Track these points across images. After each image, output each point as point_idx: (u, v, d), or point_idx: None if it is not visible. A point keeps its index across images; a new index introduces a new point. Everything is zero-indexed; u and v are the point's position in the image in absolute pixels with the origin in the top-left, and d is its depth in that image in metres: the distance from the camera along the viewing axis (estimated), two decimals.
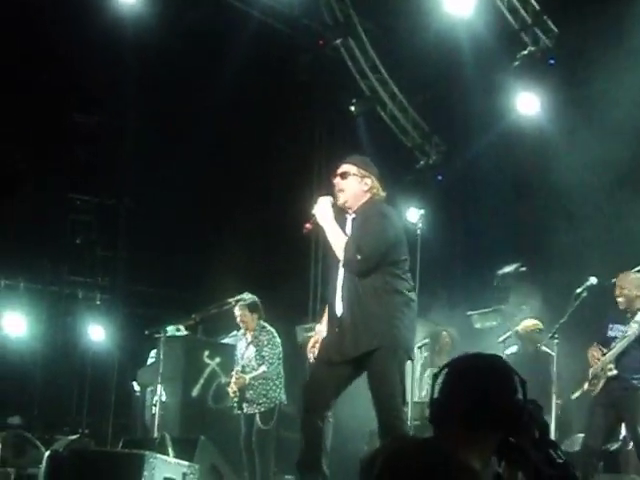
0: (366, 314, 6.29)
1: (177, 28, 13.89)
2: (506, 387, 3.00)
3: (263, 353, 9.90)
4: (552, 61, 12.64)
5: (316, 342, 6.66)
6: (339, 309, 6.45)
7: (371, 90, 15.25)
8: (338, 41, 15.22)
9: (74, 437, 10.91)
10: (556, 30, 12.62)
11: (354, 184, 6.52)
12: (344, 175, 6.55)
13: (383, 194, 6.63)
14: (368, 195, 6.53)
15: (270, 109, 15.11)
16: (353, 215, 6.56)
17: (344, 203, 6.55)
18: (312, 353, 6.65)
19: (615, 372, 8.31)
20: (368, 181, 6.53)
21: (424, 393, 10.60)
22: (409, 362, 6.80)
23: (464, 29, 12.90)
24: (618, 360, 8.31)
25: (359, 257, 6.27)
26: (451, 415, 3.01)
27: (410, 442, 3.20)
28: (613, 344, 8.43)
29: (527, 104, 12.66)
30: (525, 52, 12.74)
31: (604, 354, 8.46)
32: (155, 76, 14.57)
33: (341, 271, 6.50)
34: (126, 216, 15.73)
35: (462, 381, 3.04)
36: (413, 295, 6.52)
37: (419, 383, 10.72)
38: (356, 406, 7.80)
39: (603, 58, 11.27)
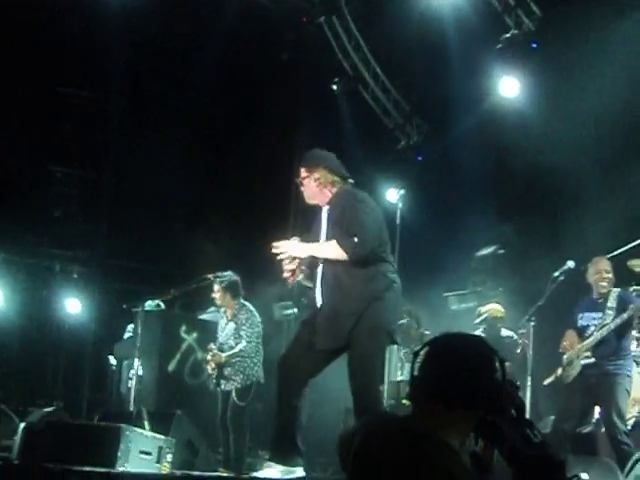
0: (349, 300, 6.33)
1: (162, 4, 13.82)
2: (485, 366, 3.03)
3: (241, 331, 9.92)
4: (534, 44, 12.66)
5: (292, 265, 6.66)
6: (319, 299, 6.50)
7: (353, 69, 15.24)
8: (322, 19, 15.19)
9: (49, 409, 10.90)
10: (539, 13, 12.63)
11: (308, 185, 6.68)
12: (300, 181, 6.73)
13: (340, 177, 6.70)
14: (328, 187, 6.64)
15: (253, 87, 15.10)
16: (326, 207, 6.66)
17: (311, 203, 6.78)
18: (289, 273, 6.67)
19: (592, 360, 8.38)
20: (316, 176, 6.65)
21: (399, 373, 10.64)
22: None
23: (448, 10, 12.91)
24: (595, 347, 8.38)
25: (356, 241, 6.31)
26: (429, 393, 3.04)
27: (389, 419, 3.23)
28: (588, 332, 8.49)
29: (509, 87, 12.68)
30: (508, 35, 12.75)
31: (580, 341, 8.53)
32: (139, 51, 14.55)
33: (320, 261, 6.55)
34: (108, 190, 15.69)
35: (441, 360, 3.07)
36: (396, 277, 6.55)
37: (396, 363, 10.74)
38: (333, 383, 7.83)
39: (585, 42, 11.30)
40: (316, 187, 6.65)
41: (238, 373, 9.79)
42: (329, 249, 6.41)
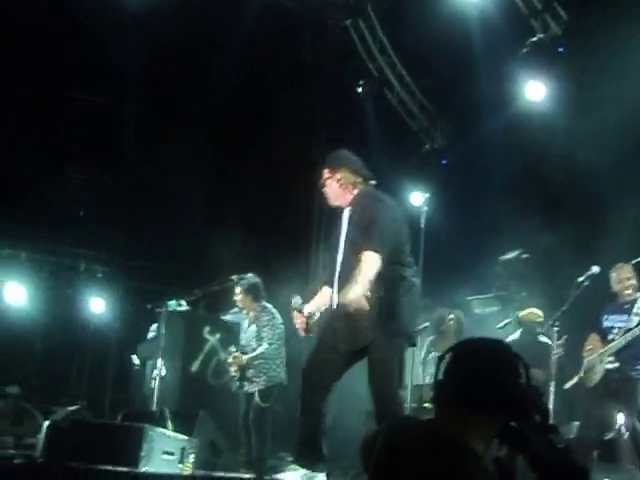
0: (374, 309, 6.29)
1: (181, 7, 13.85)
2: (509, 372, 3.03)
3: (262, 334, 9.96)
4: (561, 49, 12.62)
5: (303, 321, 6.70)
6: (336, 300, 6.52)
7: (379, 72, 15.23)
8: (348, 22, 15.18)
9: (73, 408, 10.95)
10: (565, 17, 12.59)
11: (331, 186, 6.73)
12: (323, 182, 6.78)
13: (362, 179, 6.73)
14: (349, 187, 6.68)
15: (272, 89, 15.10)
16: (348, 208, 6.68)
17: (332, 203, 6.80)
18: (302, 329, 6.71)
19: (617, 364, 8.34)
20: (339, 176, 6.69)
21: (428, 377, 10.60)
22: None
23: (474, 13, 12.88)
24: (619, 352, 8.33)
25: (377, 250, 6.31)
26: (454, 398, 3.04)
27: (412, 423, 3.23)
28: (611, 336, 8.45)
29: (534, 91, 12.64)
30: (534, 39, 12.71)
31: (602, 345, 8.49)
32: (155, 56, 14.56)
33: (339, 261, 6.55)
34: (124, 193, 15.75)
35: (466, 364, 3.07)
36: (416, 280, 6.55)
37: (422, 366, 10.71)
38: (354, 385, 7.83)
39: (612, 47, 11.25)
40: (338, 188, 6.68)
41: (260, 375, 9.82)
42: (364, 276, 6.30)
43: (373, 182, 6.79)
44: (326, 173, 6.76)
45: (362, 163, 6.83)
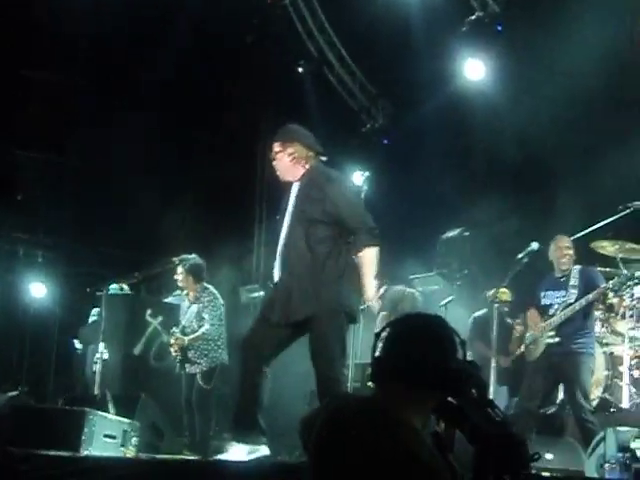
0: (315, 278, 6.31)
1: None
2: (445, 347, 3.04)
3: (204, 314, 9.92)
4: (499, 27, 12.68)
5: None
6: (278, 271, 6.49)
7: (319, 51, 15.20)
8: (286, 0, 15.12)
9: (14, 393, 10.85)
10: None
11: (282, 160, 6.65)
12: (274, 156, 6.70)
13: (314, 153, 6.68)
14: (301, 162, 6.62)
15: (218, 69, 15.02)
16: (297, 184, 6.64)
17: (284, 178, 6.72)
18: None
19: (558, 339, 8.43)
20: (290, 150, 6.62)
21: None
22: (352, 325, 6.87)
23: None
24: (560, 327, 8.43)
25: (363, 228, 6.38)
26: (391, 374, 3.04)
27: (351, 400, 3.23)
28: (552, 311, 8.54)
29: (474, 69, 12.69)
30: (473, 17, 12.75)
31: (543, 320, 8.57)
32: (104, 33, 14.42)
33: (283, 235, 6.53)
34: (72, 174, 15.59)
35: (402, 340, 3.07)
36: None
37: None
38: (297, 366, 7.84)
39: (550, 23, 11.33)
40: (289, 162, 6.62)
41: (202, 356, 9.79)
42: (369, 266, 6.41)
43: (324, 157, 6.75)
44: (277, 147, 6.67)
45: (314, 138, 6.77)
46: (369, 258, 6.38)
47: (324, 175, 6.56)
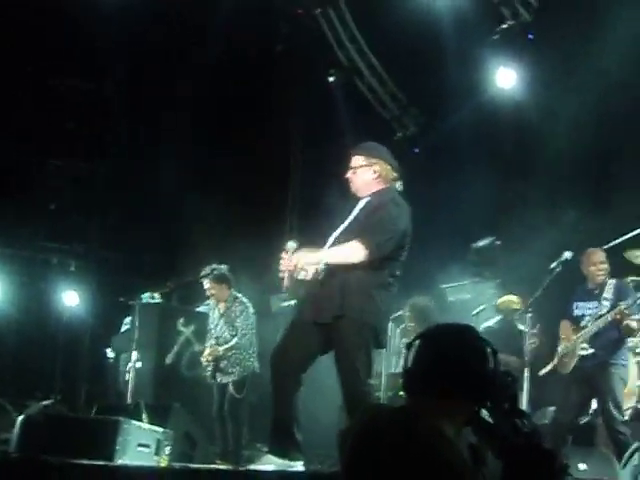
0: (345, 284, 6.30)
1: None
2: (476, 357, 3.04)
3: (236, 324, 9.95)
4: (531, 35, 12.64)
5: (289, 267, 6.53)
6: (321, 270, 6.42)
7: (349, 61, 15.20)
8: (317, 11, 15.15)
9: (47, 402, 10.92)
10: (535, 3, 12.60)
11: (363, 174, 6.59)
12: (354, 168, 6.63)
13: (395, 175, 6.67)
14: (379, 181, 6.59)
15: (248, 80, 15.05)
16: (366, 199, 6.61)
17: (355, 192, 6.67)
18: (285, 277, 6.56)
19: (591, 351, 8.39)
20: (376, 168, 6.58)
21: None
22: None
23: (444, 1, 12.88)
24: (592, 338, 8.39)
25: (375, 244, 6.29)
26: (423, 384, 3.05)
27: (384, 410, 3.23)
28: (583, 322, 8.50)
29: (505, 78, 12.66)
30: (504, 26, 12.72)
31: (575, 332, 8.54)
32: (135, 43, 14.49)
33: (336, 233, 6.53)
34: (103, 182, 15.67)
35: (434, 351, 3.08)
36: (394, 281, 6.52)
37: (398, 355, 10.68)
38: (330, 377, 7.82)
39: (582, 31, 11.28)
40: (372, 179, 6.59)
41: (235, 366, 9.83)
42: (339, 253, 6.35)
43: (399, 184, 6.72)
44: (361, 160, 6.61)
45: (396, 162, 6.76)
46: (345, 252, 6.32)
47: (393, 200, 6.51)
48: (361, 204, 6.62)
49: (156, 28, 14.10)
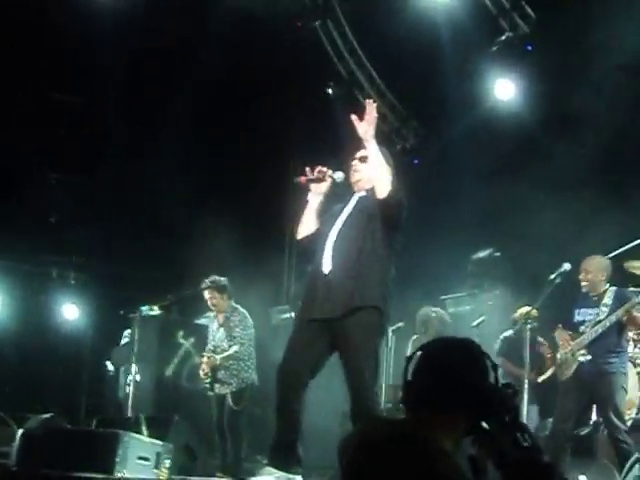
0: (363, 271, 6.25)
1: (158, 12, 13.81)
2: (477, 371, 3.04)
3: (234, 334, 9.95)
4: (529, 47, 12.68)
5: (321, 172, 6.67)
6: (328, 266, 6.37)
7: (349, 73, 15.23)
8: (316, 23, 15.18)
9: (47, 415, 10.88)
10: (534, 16, 12.65)
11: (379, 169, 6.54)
12: (363, 159, 6.64)
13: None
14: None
15: (247, 93, 15.08)
16: (363, 194, 6.62)
17: (357, 182, 6.69)
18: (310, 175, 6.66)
19: (589, 357, 8.37)
20: (392, 170, 6.56)
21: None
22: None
23: (442, 13, 12.92)
24: (590, 345, 8.37)
25: (401, 193, 6.38)
26: (423, 398, 3.05)
27: (383, 423, 3.24)
28: (582, 328, 8.49)
29: (504, 89, 12.71)
30: (503, 37, 12.77)
31: (574, 338, 8.53)
32: (135, 57, 14.52)
33: (333, 235, 6.49)
34: (103, 196, 15.69)
35: (434, 364, 3.08)
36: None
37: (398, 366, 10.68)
38: (330, 386, 7.82)
39: (580, 44, 11.31)
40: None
41: (232, 376, 9.81)
42: (384, 166, 6.41)
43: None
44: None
45: None
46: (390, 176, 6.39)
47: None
48: (354, 199, 6.64)
49: (155, 43, 14.11)
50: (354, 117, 6.47)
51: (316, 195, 6.72)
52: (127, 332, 11.85)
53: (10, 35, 13.74)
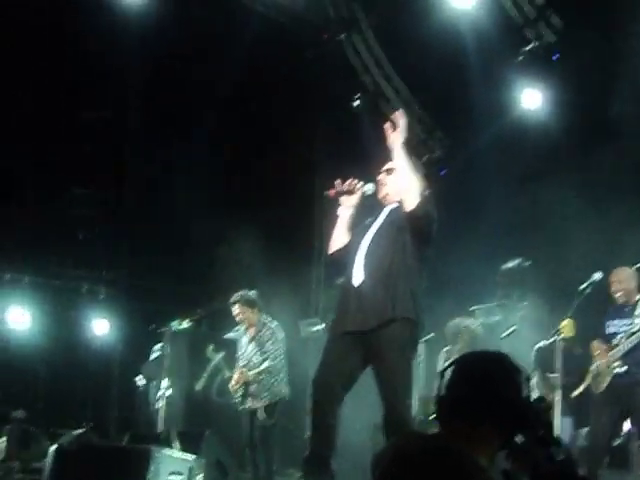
0: (394, 282, 6.21)
1: (182, 25, 13.86)
2: (513, 384, 3.03)
3: (265, 349, 9.92)
4: (556, 56, 12.65)
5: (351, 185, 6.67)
6: (359, 278, 6.34)
7: (375, 85, 15.23)
8: (342, 36, 15.19)
9: (80, 431, 10.94)
10: (559, 25, 12.61)
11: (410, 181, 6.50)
12: (390, 171, 6.61)
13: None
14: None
15: (272, 107, 15.11)
16: (394, 205, 6.58)
17: (385, 196, 6.65)
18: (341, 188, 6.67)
19: (625, 367, 8.31)
20: (423, 184, 6.52)
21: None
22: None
23: (468, 23, 12.89)
24: (625, 356, 8.32)
25: (430, 204, 6.37)
26: (457, 412, 3.04)
27: (417, 437, 3.23)
28: (615, 340, 8.44)
29: (531, 99, 12.68)
30: (529, 47, 12.74)
31: (608, 350, 8.48)
32: (157, 71, 14.59)
33: (364, 248, 6.46)
34: (130, 209, 15.75)
35: (469, 376, 3.07)
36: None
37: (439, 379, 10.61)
38: (361, 398, 7.80)
39: (607, 53, 11.27)
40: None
41: (264, 391, 9.78)
42: (413, 174, 6.39)
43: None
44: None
45: None
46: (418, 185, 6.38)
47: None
48: (386, 211, 6.60)
49: (182, 58, 14.18)
50: (387, 125, 6.43)
51: (346, 208, 6.71)
52: (157, 347, 11.88)
53: (35, 54, 13.85)
